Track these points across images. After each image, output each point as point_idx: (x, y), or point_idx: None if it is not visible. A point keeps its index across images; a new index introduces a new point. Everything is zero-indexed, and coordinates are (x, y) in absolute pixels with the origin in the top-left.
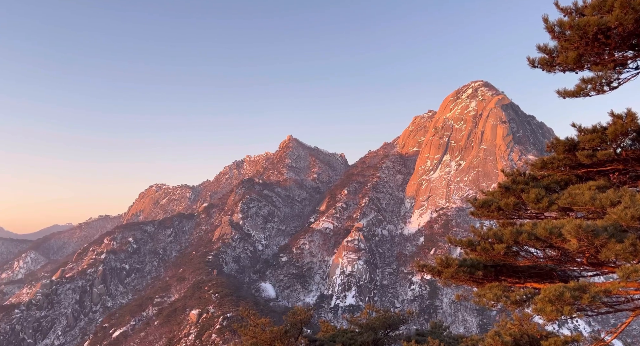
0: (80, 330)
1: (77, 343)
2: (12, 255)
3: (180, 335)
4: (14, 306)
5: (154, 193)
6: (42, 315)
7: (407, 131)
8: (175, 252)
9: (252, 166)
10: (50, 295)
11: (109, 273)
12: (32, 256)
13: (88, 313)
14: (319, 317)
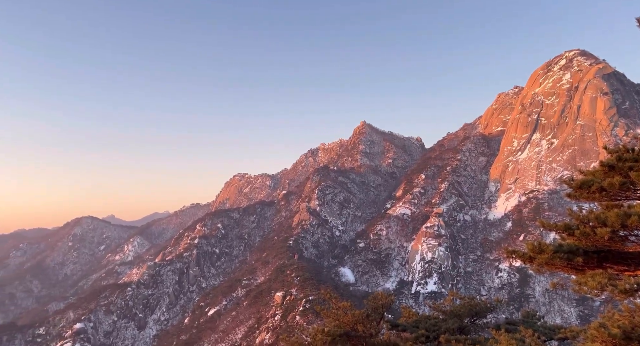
0: (181, 307)
1: (179, 319)
2: (123, 240)
3: (267, 315)
4: (126, 284)
5: (238, 182)
6: (149, 293)
7: (490, 110)
8: (258, 237)
9: (327, 154)
10: (154, 275)
11: (202, 256)
12: (138, 241)
13: (186, 292)
14: (399, 303)
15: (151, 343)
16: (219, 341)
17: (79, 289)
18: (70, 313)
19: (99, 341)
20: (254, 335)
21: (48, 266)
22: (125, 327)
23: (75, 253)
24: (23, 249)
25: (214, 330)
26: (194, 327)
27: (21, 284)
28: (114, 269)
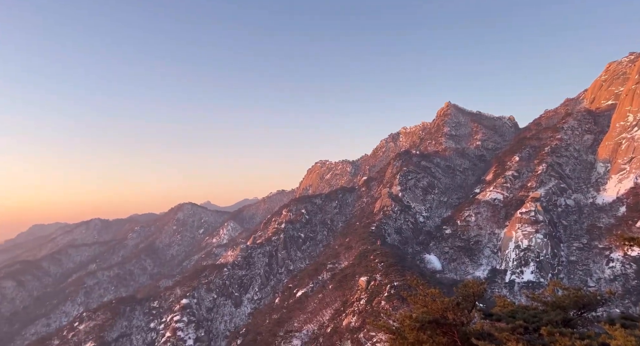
0: (272, 288)
1: (270, 299)
2: (218, 224)
3: (352, 299)
4: (223, 265)
5: (319, 169)
6: (243, 274)
7: (598, 82)
8: (341, 223)
9: (408, 138)
10: (247, 257)
11: (289, 240)
12: (232, 225)
13: (276, 274)
14: (491, 292)
15: (247, 319)
16: (308, 322)
17: (183, 268)
18: (177, 290)
19: (202, 316)
20: (340, 318)
21: (158, 247)
22: (224, 304)
23: (179, 236)
24: (138, 231)
25: (302, 311)
26: (284, 307)
27: (137, 263)
28: (212, 251)
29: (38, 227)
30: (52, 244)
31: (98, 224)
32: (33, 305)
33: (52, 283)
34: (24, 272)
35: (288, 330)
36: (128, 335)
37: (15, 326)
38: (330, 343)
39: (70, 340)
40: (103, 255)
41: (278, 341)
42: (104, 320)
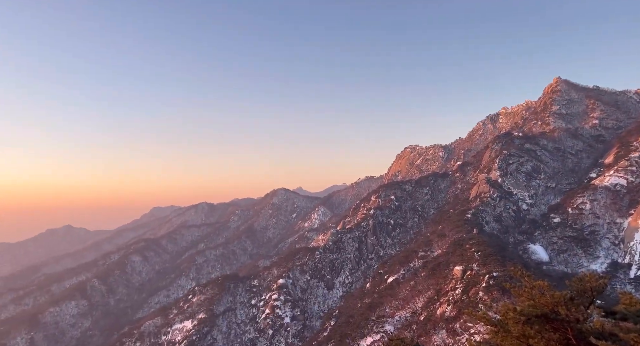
0: (362, 273)
1: (361, 283)
2: (309, 209)
3: (447, 288)
4: (315, 248)
5: (409, 154)
6: (334, 258)
7: None
8: (433, 209)
9: (509, 119)
10: (337, 242)
11: (378, 226)
12: (322, 210)
13: (366, 259)
14: (612, 288)
15: (339, 302)
16: (400, 308)
17: (279, 250)
18: (274, 270)
19: (297, 296)
20: (434, 306)
21: (256, 229)
22: (317, 286)
23: (274, 220)
24: (238, 215)
25: (393, 297)
26: (375, 292)
27: (239, 244)
28: (304, 235)
29: (157, 209)
30: (168, 224)
31: (205, 208)
32: (155, 277)
33: (169, 259)
34: (148, 249)
35: (380, 315)
36: (233, 309)
37: (143, 295)
38: (423, 331)
39: (186, 310)
40: (210, 236)
41: (370, 325)
42: (212, 294)
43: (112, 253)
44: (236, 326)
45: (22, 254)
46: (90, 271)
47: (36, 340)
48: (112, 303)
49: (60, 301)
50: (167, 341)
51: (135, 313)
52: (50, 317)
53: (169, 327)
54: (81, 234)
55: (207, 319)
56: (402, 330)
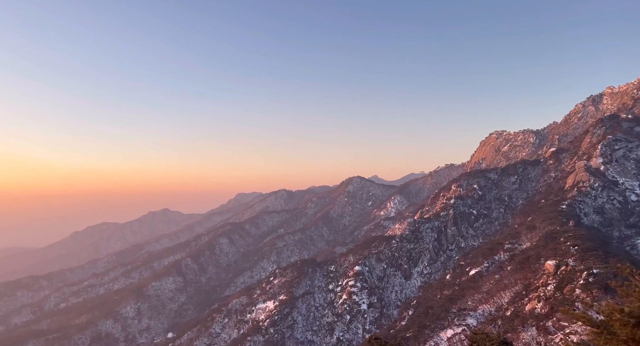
0: (442, 264)
1: (440, 274)
2: (385, 197)
3: (537, 284)
4: (391, 237)
5: (495, 141)
6: (411, 247)
7: None
8: (521, 200)
9: (616, 99)
10: (414, 231)
11: (459, 216)
12: (399, 199)
13: (445, 250)
14: None
15: (417, 292)
16: (483, 302)
17: (355, 238)
18: (350, 257)
19: (373, 283)
20: (522, 302)
21: (332, 216)
22: (394, 275)
23: (350, 207)
24: (315, 202)
25: (476, 290)
26: (456, 284)
27: (316, 230)
28: (380, 223)
29: (241, 195)
30: (251, 210)
31: (284, 195)
32: (240, 259)
33: (252, 242)
34: (233, 232)
35: (461, 307)
36: (311, 293)
37: (230, 274)
38: (510, 327)
39: (268, 291)
40: (288, 221)
41: (451, 318)
42: (292, 277)
43: (203, 235)
44: (314, 310)
45: (129, 233)
46: (184, 250)
47: (142, 310)
48: (203, 280)
49: (160, 276)
50: (251, 319)
51: (223, 291)
52: (153, 290)
53: (253, 306)
54: (176, 216)
55: (288, 301)
56: (486, 325)
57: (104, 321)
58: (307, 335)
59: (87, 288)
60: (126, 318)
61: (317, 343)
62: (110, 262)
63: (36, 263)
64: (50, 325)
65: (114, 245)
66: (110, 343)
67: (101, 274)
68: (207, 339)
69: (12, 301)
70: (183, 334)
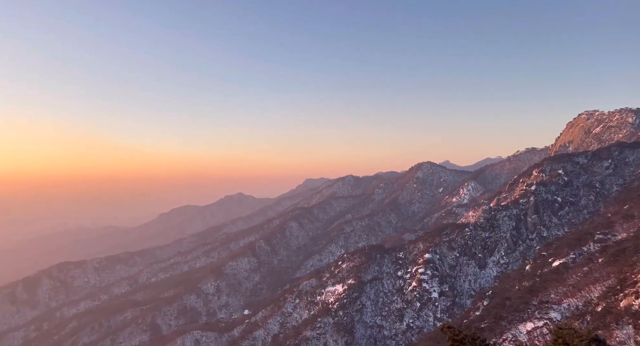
0: (520, 254)
1: (519, 265)
2: (457, 184)
3: (635, 278)
4: (464, 225)
5: (584, 122)
6: (486, 236)
7: None
8: (616, 186)
9: None
10: (490, 219)
11: (541, 204)
12: (472, 185)
13: (525, 240)
14: None
15: (492, 282)
16: (569, 296)
17: (424, 225)
18: (420, 244)
19: (445, 272)
20: (616, 297)
21: (400, 203)
22: (467, 264)
23: (419, 194)
24: (382, 188)
25: (560, 282)
26: (537, 275)
27: (383, 216)
28: (452, 210)
29: (309, 181)
30: (319, 195)
31: (351, 180)
32: (309, 243)
33: (321, 226)
34: (303, 216)
35: (543, 300)
36: (379, 278)
37: (300, 257)
38: (601, 324)
39: (337, 275)
40: (355, 207)
41: (531, 310)
42: (360, 262)
43: (274, 219)
44: (383, 295)
45: (208, 215)
46: (257, 233)
47: (221, 287)
48: (275, 262)
49: (236, 257)
50: (321, 301)
51: (293, 272)
52: (230, 269)
53: (323, 288)
54: (250, 201)
55: (356, 285)
56: (572, 320)
57: (188, 296)
58: (376, 320)
59: (173, 265)
60: (207, 294)
61: (386, 328)
62: (193, 242)
63: (130, 241)
64: (143, 296)
65: (196, 226)
66: (194, 316)
67: (185, 253)
68: (280, 318)
69: (113, 274)
70: (258, 312)
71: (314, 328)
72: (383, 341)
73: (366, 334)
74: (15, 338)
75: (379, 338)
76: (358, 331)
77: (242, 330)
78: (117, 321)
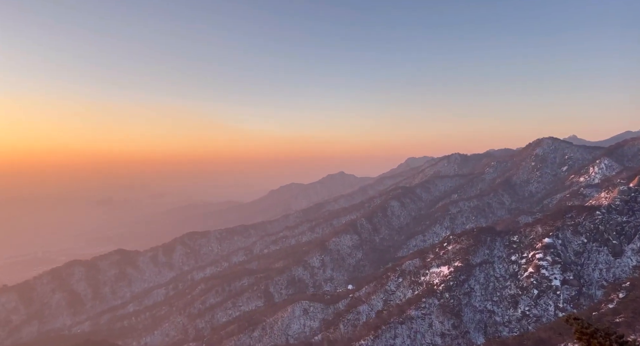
0: None
1: None
2: (587, 161)
3: None
4: (594, 208)
5: None
6: (623, 220)
7: None
8: None
9: None
10: (628, 201)
11: None
12: (606, 163)
13: None
14: None
15: (631, 273)
16: None
17: (544, 206)
18: (538, 228)
19: (569, 258)
20: None
21: (514, 183)
22: (597, 251)
23: (538, 173)
24: (494, 166)
25: None
26: None
27: (495, 197)
28: (579, 191)
29: (412, 160)
30: (421, 174)
31: (457, 159)
32: (412, 223)
33: (424, 206)
34: (404, 196)
35: None
36: (490, 262)
37: (402, 237)
38: None
39: (442, 256)
40: (462, 187)
41: None
42: (467, 244)
43: (375, 197)
44: (494, 280)
45: (312, 193)
46: (359, 211)
47: (326, 262)
48: (377, 240)
49: (339, 233)
50: (425, 281)
51: (396, 251)
52: (333, 245)
53: (427, 269)
54: (351, 179)
55: (463, 268)
56: None
57: (296, 267)
58: (486, 305)
59: (282, 238)
60: (313, 267)
61: (498, 314)
62: (298, 217)
63: (245, 215)
64: (257, 265)
65: (301, 203)
66: (301, 286)
67: (292, 227)
68: (383, 295)
69: (231, 244)
70: (361, 287)
71: (418, 308)
72: (495, 327)
73: (475, 318)
74: (158, 294)
75: (489, 323)
76: (466, 315)
77: (347, 304)
78: (236, 286)
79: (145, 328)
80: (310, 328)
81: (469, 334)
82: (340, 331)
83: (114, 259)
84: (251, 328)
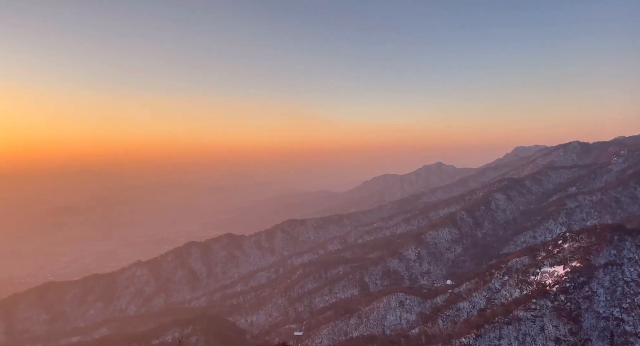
0: None
1: None
2: None
3: None
4: None
5: None
6: None
7: None
8: None
9: None
10: None
11: None
12: None
13: None
14: None
15: None
16: None
17: None
18: None
19: None
20: None
21: None
22: None
23: None
24: (624, 156)
25: None
26: None
27: (625, 190)
28: None
29: (520, 149)
30: (532, 165)
31: (577, 147)
32: (520, 217)
33: (534, 200)
34: (511, 188)
35: None
36: (618, 264)
37: (508, 232)
38: None
39: (556, 255)
40: (582, 179)
41: None
42: (588, 243)
43: (477, 190)
44: (624, 284)
45: (407, 184)
46: (458, 204)
47: (422, 255)
48: (479, 235)
49: (436, 226)
50: (535, 281)
51: (500, 248)
52: (430, 238)
53: (538, 268)
54: (449, 170)
55: (583, 269)
56: None
57: (391, 259)
58: (612, 311)
59: (376, 229)
60: (408, 260)
61: (629, 322)
62: (393, 209)
63: (339, 205)
64: (352, 255)
65: (395, 194)
66: (397, 278)
67: (386, 218)
68: (486, 293)
69: (327, 232)
70: (461, 283)
71: (527, 309)
72: (624, 337)
73: (598, 326)
74: (262, 277)
75: (617, 332)
76: (587, 321)
77: (445, 299)
78: (332, 273)
79: (251, 307)
80: (407, 320)
81: (591, 342)
82: (439, 327)
83: (224, 242)
84: (348, 315)
